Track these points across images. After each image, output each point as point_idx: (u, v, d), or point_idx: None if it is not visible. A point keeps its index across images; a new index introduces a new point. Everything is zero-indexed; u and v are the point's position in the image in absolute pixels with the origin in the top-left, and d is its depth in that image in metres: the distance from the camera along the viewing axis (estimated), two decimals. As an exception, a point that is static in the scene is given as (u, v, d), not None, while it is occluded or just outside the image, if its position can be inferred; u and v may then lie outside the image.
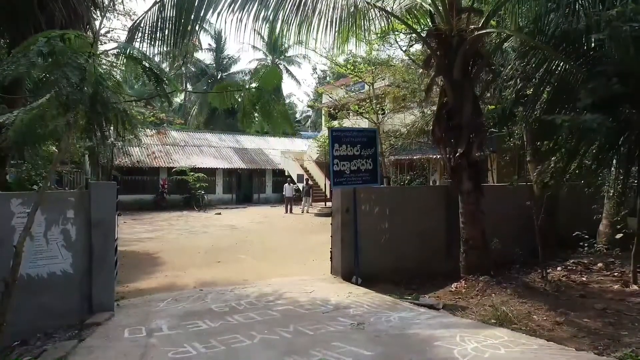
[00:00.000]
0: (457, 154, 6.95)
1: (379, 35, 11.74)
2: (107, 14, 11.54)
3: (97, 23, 8.02)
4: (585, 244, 9.01)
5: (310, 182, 25.02)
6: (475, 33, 6.49)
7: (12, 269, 3.65)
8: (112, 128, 4.28)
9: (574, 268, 8.19)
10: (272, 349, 3.95)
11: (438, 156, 17.20)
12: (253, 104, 4.53)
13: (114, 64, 3.91)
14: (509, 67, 6.50)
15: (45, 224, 4.98)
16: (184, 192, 24.86)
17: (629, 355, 3.92)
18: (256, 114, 4.66)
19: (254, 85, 4.78)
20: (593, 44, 5.66)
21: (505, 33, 6.66)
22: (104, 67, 3.52)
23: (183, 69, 41.65)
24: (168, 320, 4.89)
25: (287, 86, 42.53)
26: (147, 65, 3.61)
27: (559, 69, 5.73)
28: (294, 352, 3.82)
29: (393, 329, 4.47)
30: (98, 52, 3.55)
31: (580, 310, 5.66)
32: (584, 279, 7.54)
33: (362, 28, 7.64)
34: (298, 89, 56.68)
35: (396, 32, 12.47)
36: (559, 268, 8.15)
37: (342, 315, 4.97)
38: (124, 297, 6.47)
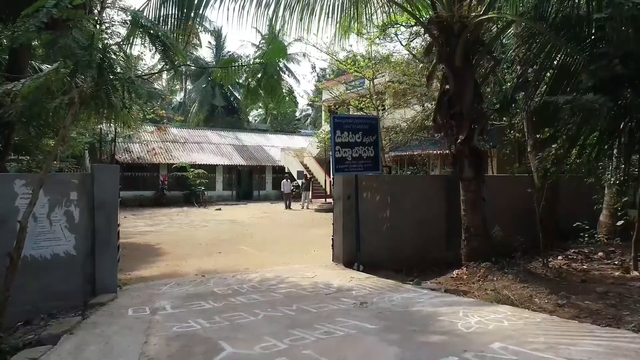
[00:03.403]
0: (459, 141, 6.98)
1: (379, 26, 11.77)
2: (108, 9, 11.44)
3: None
4: (586, 235, 9.03)
5: (309, 177, 25.00)
6: (477, 19, 6.51)
7: (16, 243, 3.67)
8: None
9: (575, 257, 8.22)
10: (276, 324, 3.97)
11: (438, 151, 17.24)
12: (258, 80, 4.52)
13: (121, 38, 3.91)
14: (510, 51, 6.50)
15: (48, 205, 4.99)
16: (184, 188, 24.86)
17: (630, 329, 3.94)
18: (261, 91, 4.65)
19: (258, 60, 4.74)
20: (594, 29, 5.70)
21: (507, 19, 6.68)
22: (113, 37, 3.53)
23: (183, 67, 41.70)
24: (171, 301, 4.90)
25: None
26: (153, 32, 3.61)
27: (560, 53, 5.75)
28: (298, 326, 3.84)
29: (396, 306, 4.49)
30: (105, 21, 3.55)
31: (582, 293, 5.68)
32: (584, 266, 7.56)
33: (364, 17, 7.66)
34: (298, 87, 56.45)
35: (397, 26, 12.48)
36: (559, 257, 8.18)
37: (345, 296, 4.98)
38: (126, 283, 6.49)
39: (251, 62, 4.88)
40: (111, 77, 3.33)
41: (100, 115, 4.68)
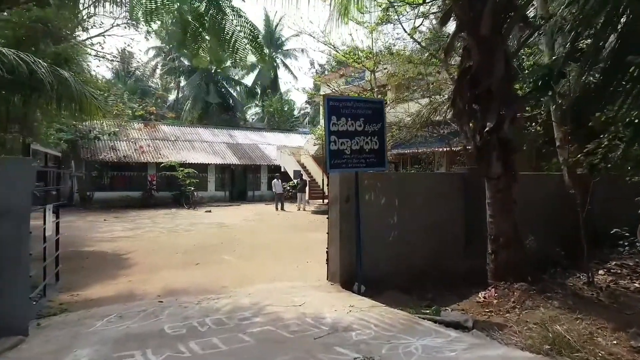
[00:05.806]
0: (486, 130, 5.55)
1: (381, 5, 10.38)
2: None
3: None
4: (626, 243, 7.62)
5: (305, 177, 23.59)
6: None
7: None
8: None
9: (619, 271, 6.86)
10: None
11: (445, 149, 15.83)
12: (199, 16, 3.00)
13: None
14: (562, 9, 5.05)
15: None
16: (173, 189, 23.38)
17: None
18: (205, 34, 3.17)
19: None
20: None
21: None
22: None
23: (176, 62, 40.26)
24: (96, 350, 3.45)
25: (285, 81, 41.09)
26: None
27: (628, 10, 4.31)
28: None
29: (417, 367, 3.04)
30: None
31: (656, 328, 4.26)
32: (636, 284, 6.19)
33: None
34: (296, 83, 55.64)
35: (401, 4, 11.02)
36: (601, 271, 6.81)
37: (341, 343, 3.52)
38: (66, 309, 5.09)
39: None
40: None
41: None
